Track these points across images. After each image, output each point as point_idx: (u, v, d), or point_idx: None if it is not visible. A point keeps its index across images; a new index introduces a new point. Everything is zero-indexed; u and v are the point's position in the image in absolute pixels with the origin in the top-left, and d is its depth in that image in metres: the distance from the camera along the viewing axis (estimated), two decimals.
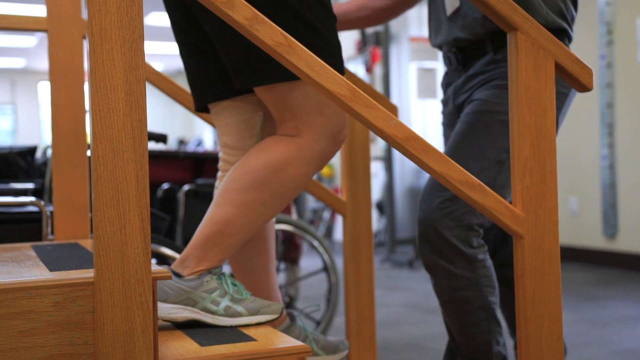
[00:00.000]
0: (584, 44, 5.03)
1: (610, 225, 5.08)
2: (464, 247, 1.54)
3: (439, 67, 5.78)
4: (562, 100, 1.63)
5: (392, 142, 1.22)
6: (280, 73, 1.37)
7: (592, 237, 5.25)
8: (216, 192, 1.54)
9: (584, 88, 1.31)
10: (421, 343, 2.95)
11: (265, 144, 1.42)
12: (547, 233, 1.29)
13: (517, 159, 1.29)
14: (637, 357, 2.69)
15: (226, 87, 1.50)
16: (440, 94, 6.19)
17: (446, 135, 1.82)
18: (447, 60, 1.75)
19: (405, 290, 4.38)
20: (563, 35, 1.62)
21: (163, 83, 1.91)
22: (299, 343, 1.20)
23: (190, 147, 7.67)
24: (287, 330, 1.55)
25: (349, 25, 1.90)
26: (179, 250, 2.00)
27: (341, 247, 3.07)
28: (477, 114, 1.59)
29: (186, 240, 2.79)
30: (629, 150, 4.90)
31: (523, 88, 1.27)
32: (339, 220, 7.15)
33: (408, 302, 3.96)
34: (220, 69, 1.49)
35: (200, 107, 1.57)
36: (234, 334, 1.28)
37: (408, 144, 1.22)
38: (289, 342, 1.21)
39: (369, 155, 1.99)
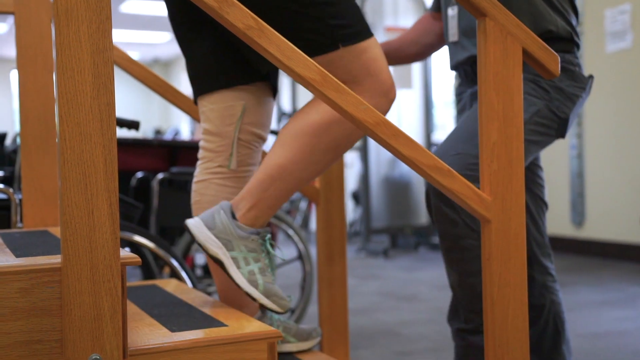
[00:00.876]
0: None
1: (578, 213, 5.16)
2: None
3: None
4: (574, 101, 1.66)
5: (362, 127, 1.22)
6: (322, 44, 1.41)
7: (560, 225, 5.33)
8: (194, 186, 1.57)
9: (551, 74, 1.32)
10: (394, 329, 2.98)
11: (320, 102, 1.45)
12: (513, 217, 1.31)
13: (484, 145, 1.30)
14: (600, 340, 2.75)
15: (216, 78, 1.53)
16: (414, 83, 6.17)
17: None
18: (463, 73, 1.80)
19: (379, 279, 4.41)
20: (571, 44, 1.66)
21: (138, 71, 1.89)
22: (269, 328, 1.20)
23: (167, 137, 7.61)
24: (259, 320, 1.56)
25: (401, 61, 1.95)
26: (153, 239, 1.99)
27: None
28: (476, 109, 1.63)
29: (161, 229, 2.78)
30: (596, 140, 4.97)
31: (491, 74, 1.28)
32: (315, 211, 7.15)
33: (382, 291, 3.98)
34: (213, 60, 1.53)
35: (200, 94, 1.59)
36: (205, 319, 1.28)
37: (378, 129, 1.22)
38: (259, 327, 1.22)
39: None
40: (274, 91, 1.63)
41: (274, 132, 2.91)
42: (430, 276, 4.46)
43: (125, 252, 1.12)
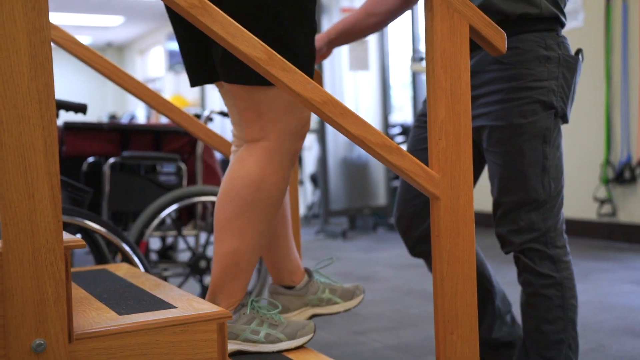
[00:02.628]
0: None
1: None
2: (548, 248, 1.65)
3: (370, 39, 5.80)
4: (573, 73, 1.65)
5: (309, 106, 1.22)
6: (258, 77, 1.39)
7: None
8: (232, 158, 1.56)
9: (498, 51, 1.34)
10: (352, 310, 3.00)
11: (238, 159, 1.46)
12: (462, 194, 1.32)
13: (433, 122, 1.31)
14: None
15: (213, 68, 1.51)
16: (371, 65, 6.15)
17: (418, 124, 1.84)
18: None
19: (338, 260, 4.44)
20: (556, 22, 1.65)
21: (83, 53, 1.85)
22: (218, 308, 1.20)
23: (123, 122, 7.47)
24: (306, 286, 1.64)
25: (359, 35, 1.90)
26: (104, 225, 1.96)
27: None
28: (502, 143, 1.64)
29: (113, 214, 2.74)
30: None
31: (439, 51, 1.29)
32: None
33: (340, 272, 4.01)
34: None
35: (199, 83, 1.57)
36: (154, 302, 1.27)
37: (326, 107, 1.22)
38: (209, 308, 1.21)
39: None
40: None
41: (227, 114, 2.89)
42: (388, 256, 4.51)
43: (70, 236, 1.09)
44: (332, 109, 1.22)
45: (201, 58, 1.51)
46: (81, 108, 1.87)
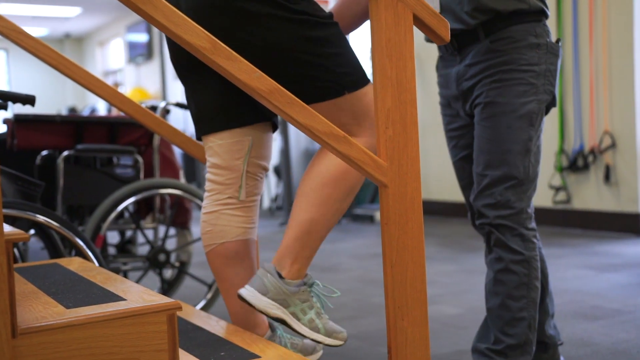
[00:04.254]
0: None
1: None
2: (519, 227, 1.73)
3: None
4: (556, 59, 1.77)
5: (255, 95, 1.22)
6: (330, 90, 1.54)
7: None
8: (202, 218, 1.69)
9: (441, 40, 1.35)
10: None
11: (329, 154, 1.57)
12: (409, 182, 1.34)
13: (379, 111, 1.32)
14: None
15: (227, 116, 1.63)
16: None
17: (444, 113, 1.93)
18: (443, 48, 1.87)
19: None
20: (542, 15, 1.76)
21: (27, 42, 1.81)
22: (168, 300, 1.20)
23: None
24: (269, 339, 1.71)
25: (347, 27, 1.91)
26: (57, 219, 1.93)
27: None
28: (494, 119, 1.74)
29: (69, 209, 2.70)
30: None
31: (384, 40, 1.30)
32: None
33: None
34: (221, 100, 1.63)
35: (206, 133, 1.68)
36: (104, 295, 1.26)
37: (272, 96, 1.22)
38: (159, 299, 1.21)
39: None
40: (274, 127, 1.73)
41: (183, 106, 2.87)
42: (351, 247, 4.54)
43: (11, 229, 1.08)
44: (279, 97, 1.23)
45: (216, 112, 1.63)
46: (29, 100, 1.84)
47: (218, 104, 1.63)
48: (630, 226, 4.38)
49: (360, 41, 7.12)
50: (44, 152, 2.66)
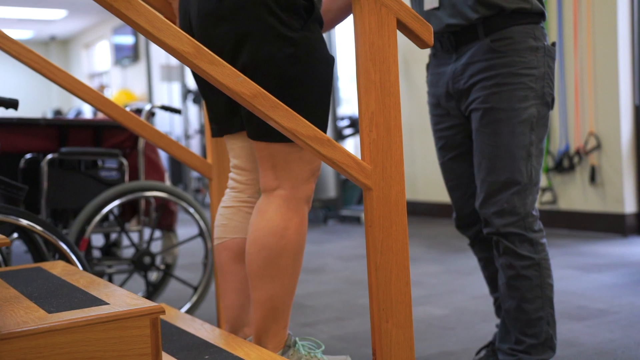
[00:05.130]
0: None
1: None
2: (527, 231, 1.76)
3: None
4: (553, 62, 1.78)
5: (239, 99, 1.22)
6: (277, 134, 1.53)
7: None
8: (222, 210, 1.73)
9: (424, 44, 1.36)
10: (300, 302, 3.01)
11: (259, 210, 1.60)
12: (394, 184, 1.34)
13: (364, 114, 1.33)
14: (492, 299, 2.89)
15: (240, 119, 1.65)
16: None
17: (433, 113, 1.93)
18: (438, 44, 1.85)
19: None
20: (541, 16, 1.78)
21: (8, 44, 1.80)
22: (151, 303, 1.19)
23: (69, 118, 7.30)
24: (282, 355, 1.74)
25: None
26: (40, 223, 1.92)
27: None
28: (495, 124, 1.75)
29: (53, 212, 2.68)
30: None
31: (367, 45, 1.30)
32: None
33: None
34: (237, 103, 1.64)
35: (220, 135, 1.73)
36: (87, 299, 1.25)
37: (256, 100, 1.22)
38: (142, 303, 1.20)
39: None
40: None
41: (168, 109, 2.86)
42: (338, 248, 4.54)
43: None
44: (263, 102, 1.23)
45: (227, 115, 1.66)
46: (12, 103, 1.82)
47: (235, 108, 1.64)
48: (615, 226, 4.41)
49: (345, 45, 7.14)
50: (28, 156, 2.65)
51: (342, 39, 6.98)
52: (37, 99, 13.17)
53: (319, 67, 1.52)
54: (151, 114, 2.92)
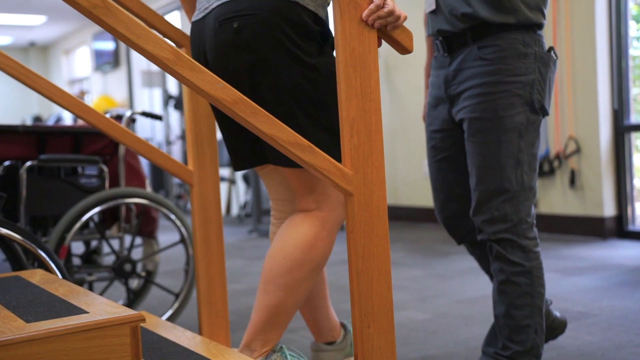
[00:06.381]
0: None
1: None
2: (519, 238, 1.77)
3: None
4: (547, 69, 1.79)
5: (220, 106, 1.22)
6: None
7: None
8: (271, 239, 1.77)
9: (405, 50, 1.37)
10: None
11: (293, 223, 1.62)
12: (375, 190, 1.35)
13: (344, 120, 1.33)
14: (474, 303, 2.91)
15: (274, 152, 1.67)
16: None
17: (429, 114, 1.96)
18: (436, 47, 1.90)
19: None
20: (535, 27, 1.79)
21: None
22: (131, 312, 1.18)
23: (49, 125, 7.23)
24: (344, 339, 1.86)
25: None
26: (18, 231, 1.89)
27: None
28: (483, 133, 1.77)
29: (32, 219, 2.65)
30: None
31: (348, 51, 1.31)
32: None
33: None
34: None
35: (245, 168, 1.73)
36: (66, 308, 1.24)
37: (236, 107, 1.22)
38: (122, 311, 1.19)
39: (214, 123, 1.98)
40: None
41: (149, 115, 2.84)
42: None
43: None
44: (243, 108, 1.22)
45: (247, 147, 1.67)
46: None
47: (258, 141, 1.65)
48: (595, 230, 4.45)
49: None
50: (6, 163, 2.62)
51: None
52: (17, 105, 13.04)
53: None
54: (132, 120, 2.90)
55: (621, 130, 4.43)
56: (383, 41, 1.38)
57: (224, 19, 1.53)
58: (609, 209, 4.43)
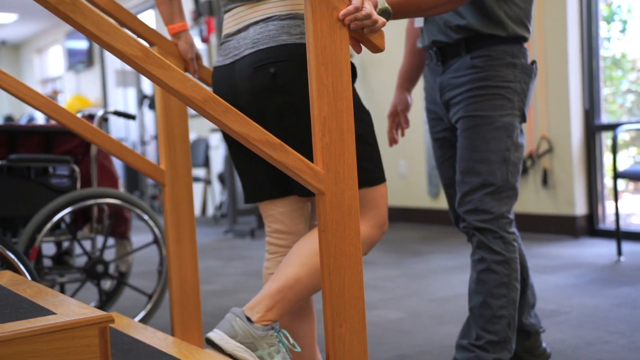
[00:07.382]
0: None
1: (434, 185, 5.44)
2: (500, 231, 1.85)
3: None
4: (528, 80, 1.90)
5: (190, 104, 1.21)
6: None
7: (418, 197, 5.59)
8: (265, 278, 1.77)
9: (377, 49, 1.37)
10: None
11: None
12: (346, 189, 1.35)
13: (316, 119, 1.32)
14: (448, 302, 2.93)
15: (283, 185, 1.69)
16: None
17: (429, 117, 2.06)
18: (429, 57, 2.00)
19: (245, 259, 4.42)
20: (522, 40, 1.90)
21: None
22: (100, 312, 1.17)
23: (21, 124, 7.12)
24: None
25: (418, 73, 2.16)
26: None
27: None
28: (473, 130, 1.87)
29: (1, 221, 2.61)
30: None
31: (319, 49, 1.31)
32: None
33: (247, 271, 4.00)
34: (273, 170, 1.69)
35: (256, 201, 1.76)
36: (33, 309, 1.22)
37: (207, 105, 1.21)
38: (90, 312, 1.18)
39: (187, 123, 1.97)
40: None
41: (122, 114, 2.82)
42: None
43: None
44: (214, 106, 1.21)
45: (269, 182, 1.70)
46: None
47: (277, 172, 1.67)
48: (566, 228, 4.51)
49: None
50: None
51: None
52: None
53: (365, 119, 1.64)
54: (104, 120, 2.87)
55: (592, 130, 4.49)
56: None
57: (260, 64, 1.61)
58: (580, 208, 4.49)
